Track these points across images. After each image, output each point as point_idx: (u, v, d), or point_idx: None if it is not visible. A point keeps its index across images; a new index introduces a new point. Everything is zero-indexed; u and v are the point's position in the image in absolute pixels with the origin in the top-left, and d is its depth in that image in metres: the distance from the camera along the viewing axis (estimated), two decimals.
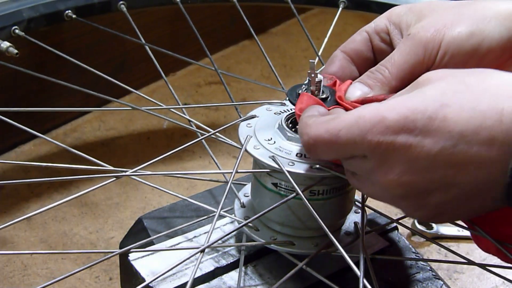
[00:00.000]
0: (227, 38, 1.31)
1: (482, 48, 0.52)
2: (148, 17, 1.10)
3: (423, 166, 0.45)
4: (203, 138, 0.64)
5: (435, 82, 0.46)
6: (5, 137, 0.99)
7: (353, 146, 0.47)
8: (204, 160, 1.02)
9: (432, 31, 0.52)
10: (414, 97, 0.46)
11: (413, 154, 0.44)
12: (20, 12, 0.80)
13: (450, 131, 0.43)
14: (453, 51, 0.52)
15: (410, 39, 0.53)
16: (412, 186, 0.46)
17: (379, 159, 0.46)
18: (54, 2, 0.83)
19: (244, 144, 0.58)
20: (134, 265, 0.60)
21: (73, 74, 1.02)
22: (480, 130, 0.43)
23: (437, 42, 0.52)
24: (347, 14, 0.94)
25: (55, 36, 1.00)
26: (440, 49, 0.52)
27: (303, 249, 0.59)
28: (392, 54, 0.54)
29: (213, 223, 0.55)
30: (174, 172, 0.80)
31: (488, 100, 0.43)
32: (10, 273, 0.81)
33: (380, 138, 0.45)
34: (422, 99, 0.45)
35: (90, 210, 0.91)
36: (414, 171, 0.45)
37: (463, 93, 0.44)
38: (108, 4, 0.86)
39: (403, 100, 0.46)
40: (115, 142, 1.05)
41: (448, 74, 0.47)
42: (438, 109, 0.44)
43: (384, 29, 0.57)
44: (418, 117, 0.44)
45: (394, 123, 0.45)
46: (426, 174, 0.45)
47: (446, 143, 0.44)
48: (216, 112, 1.13)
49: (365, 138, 0.46)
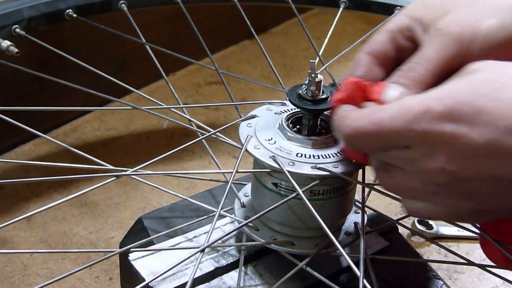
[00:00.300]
0: (227, 38, 1.31)
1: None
2: (148, 16, 1.10)
3: (469, 156, 0.45)
4: (203, 138, 0.64)
5: (481, 72, 0.47)
6: (5, 137, 0.99)
7: (397, 136, 0.47)
8: (204, 160, 1.02)
9: (464, 25, 0.52)
10: (461, 88, 0.46)
11: (460, 144, 0.45)
12: (21, 11, 0.80)
13: (496, 124, 0.44)
14: (489, 44, 0.52)
15: (441, 34, 0.52)
16: (456, 174, 0.46)
17: (424, 148, 0.46)
18: (55, 1, 0.83)
19: (244, 144, 0.58)
20: (134, 265, 0.60)
21: (74, 74, 1.02)
22: None
23: (471, 35, 0.52)
24: (346, 14, 0.94)
25: (56, 35, 1.00)
26: (476, 42, 0.52)
27: (303, 249, 0.59)
28: (422, 51, 0.53)
29: (213, 223, 0.55)
30: (174, 172, 0.80)
31: None
32: (10, 273, 0.81)
33: (427, 127, 0.45)
34: (469, 91, 0.45)
35: (90, 210, 0.91)
36: (459, 160, 0.45)
37: (510, 86, 0.45)
38: (109, 3, 0.86)
39: (450, 91, 0.46)
40: (115, 142, 1.05)
41: (495, 65, 0.47)
42: (485, 102, 0.44)
43: (406, 26, 0.56)
44: (466, 110, 0.45)
45: (440, 114, 0.45)
46: (471, 164, 0.45)
47: (492, 136, 0.44)
48: (216, 112, 1.13)
49: (412, 127, 0.46)
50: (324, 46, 0.82)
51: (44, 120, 1.04)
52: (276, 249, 0.60)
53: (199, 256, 0.53)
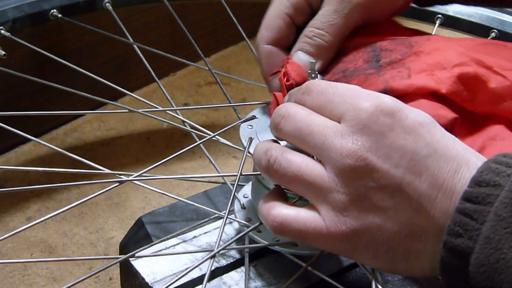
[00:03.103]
0: (227, 38, 1.31)
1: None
2: (148, 17, 1.10)
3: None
4: (203, 141, 0.64)
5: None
6: (5, 137, 0.99)
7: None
8: (204, 160, 1.02)
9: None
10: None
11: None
12: (5, 12, 0.80)
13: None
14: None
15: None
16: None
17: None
18: (39, 1, 0.82)
19: (246, 146, 0.58)
20: (134, 265, 0.60)
21: (73, 74, 1.01)
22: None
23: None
24: None
25: (56, 36, 1.00)
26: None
27: (306, 249, 0.59)
28: (327, 16, 0.56)
29: (221, 228, 0.54)
30: (176, 176, 0.80)
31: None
32: (10, 273, 0.81)
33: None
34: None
35: (90, 210, 0.91)
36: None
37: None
38: (93, 3, 0.85)
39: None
40: (115, 142, 1.05)
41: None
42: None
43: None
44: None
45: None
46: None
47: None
48: (216, 112, 1.13)
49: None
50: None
51: (44, 120, 1.04)
52: (279, 250, 0.59)
53: (211, 262, 0.53)
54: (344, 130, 0.45)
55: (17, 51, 0.89)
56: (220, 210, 0.65)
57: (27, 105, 1.01)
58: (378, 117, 0.44)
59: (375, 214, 0.44)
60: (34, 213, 0.90)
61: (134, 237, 0.67)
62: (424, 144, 0.44)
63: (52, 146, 0.66)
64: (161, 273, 0.59)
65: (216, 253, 0.53)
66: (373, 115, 0.44)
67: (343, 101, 0.46)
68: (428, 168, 0.43)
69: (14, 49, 0.85)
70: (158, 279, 0.59)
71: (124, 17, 0.85)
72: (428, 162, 0.43)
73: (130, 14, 0.85)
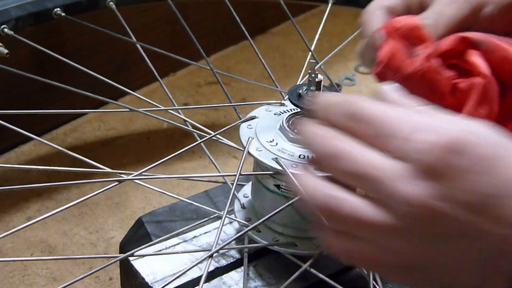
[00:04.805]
0: (227, 38, 1.31)
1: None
2: (149, 16, 1.10)
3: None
4: (203, 141, 0.64)
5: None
6: (5, 137, 0.99)
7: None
8: (204, 160, 1.01)
9: None
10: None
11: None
12: (8, 11, 0.80)
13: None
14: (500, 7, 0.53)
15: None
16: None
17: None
18: (42, 0, 0.82)
19: (246, 146, 0.58)
20: (134, 265, 0.60)
21: (74, 73, 1.01)
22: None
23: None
24: (346, 13, 0.94)
25: (56, 36, 1.00)
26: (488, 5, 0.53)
27: (306, 249, 0.59)
28: (436, 7, 0.53)
29: (220, 227, 0.54)
30: (176, 176, 0.80)
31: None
32: (10, 273, 0.81)
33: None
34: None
35: (90, 210, 0.91)
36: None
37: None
38: (96, 1, 0.85)
39: None
40: (115, 142, 1.05)
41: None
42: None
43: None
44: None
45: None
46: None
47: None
48: (216, 112, 1.13)
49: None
50: (315, 42, 0.82)
51: (44, 120, 1.04)
52: (278, 250, 0.59)
53: (208, 261, 0.53)
54: (406, 173, 0.40)
55: (18, 51, 0.89)
56: (220, 210, 0.65)
57: (27, 105, 1.00)
58: (446, 156, 0.39)
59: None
60: (34, 213, 0.90)
61: (134, 237, 0.67)
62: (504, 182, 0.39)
63: (52, 144, 0.66)
64: (161, 273, 0.59)
65: (214, 253, 0.53)
66: (440, 153, 0.39)
67: (399, 134, 0.40)
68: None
69: (15, 49, 0.85)
70: (158, 279, 0.59)
71: (124, 17, 0.85)
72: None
73: (130, 14, 0.85)
